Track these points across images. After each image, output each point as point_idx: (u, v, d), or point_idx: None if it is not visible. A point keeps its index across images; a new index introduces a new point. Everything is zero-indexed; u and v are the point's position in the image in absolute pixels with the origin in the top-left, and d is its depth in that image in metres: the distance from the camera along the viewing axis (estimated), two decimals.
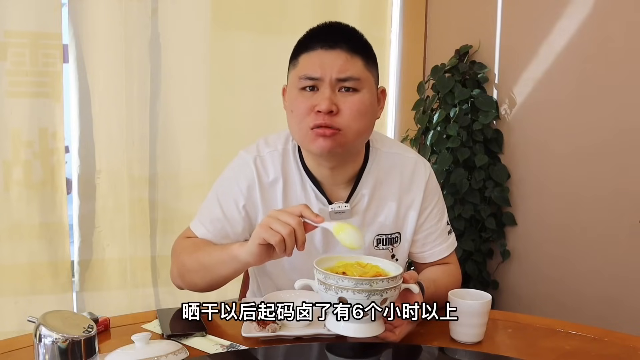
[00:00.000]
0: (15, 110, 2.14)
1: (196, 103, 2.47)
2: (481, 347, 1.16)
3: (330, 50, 1.22)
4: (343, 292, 1.04)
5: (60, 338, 0.82)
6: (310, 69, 1.22)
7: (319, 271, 1.07)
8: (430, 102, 2.74)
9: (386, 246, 1.37)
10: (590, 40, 2.34)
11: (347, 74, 1.21)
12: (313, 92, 1.22)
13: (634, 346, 1.18)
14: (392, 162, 1.37)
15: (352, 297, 1.03)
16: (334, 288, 1.04)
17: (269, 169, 1.33)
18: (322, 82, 1.21)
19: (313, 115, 1.21)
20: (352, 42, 1.24)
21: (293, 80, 1.27)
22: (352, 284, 1.03)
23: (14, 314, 2.18)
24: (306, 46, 1.25)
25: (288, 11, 2.61)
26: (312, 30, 1.29)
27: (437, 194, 1.42)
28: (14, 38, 2.12)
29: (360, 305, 1.04)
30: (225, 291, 2.54)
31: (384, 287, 1.04)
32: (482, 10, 2.70)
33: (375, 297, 1.04)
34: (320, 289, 1.07)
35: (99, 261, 2.34)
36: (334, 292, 1.05)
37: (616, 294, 2.32)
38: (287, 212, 1.11)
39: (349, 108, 1.22)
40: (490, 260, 2.71)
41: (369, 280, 1.04)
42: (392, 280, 1.06)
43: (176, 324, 1.19)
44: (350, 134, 1.23)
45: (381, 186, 1.35)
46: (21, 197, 2.17)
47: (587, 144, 2.37)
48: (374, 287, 1.03)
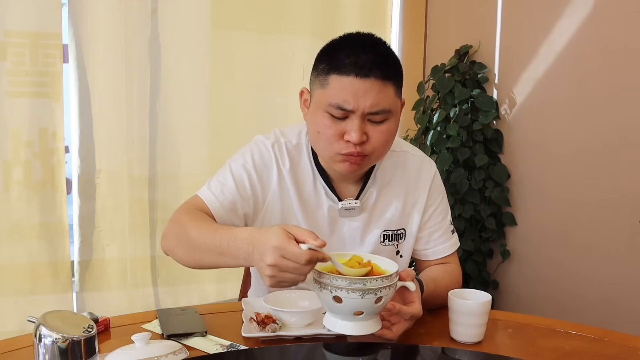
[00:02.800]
0: (15, 110, 2.14)
1: (196, 103, 2.47)
2: (481, 347, 1.16)
3: (364, 79, 1.18)
4: (337, 291, 1.03)
5: (60, 338, 0.82)
6: (342, 100, 1.19)
7: (313, 270, 1.06)
8: (430, 102, 2.74)
9: (392, 242, 1.39)
10: (590, 40, 2.34)
11: (379, 107, 1.20)
12: (342, 120, 1.21)
13: (634, 346, 1.18)
14: (399, 161, 1.40)
15: (346, 296, 1.03)
16: (329, 287, 1.03)
17: (285, 158, 1.33)
18: (353, 113, 1.20)
19: (343, 143, 1.22)
20: (386, 67, 1.21)
21: (320, 101, 1.23)
22: (345, 283, 1.02)
23: (14, 314, 2.18)
24: (338, 67, 1.20)
25: (288, 11, 2.61)
26: (344, 43, 1.24)
27: (442, 193, 1.45)
28: (14, 38, 2.12)
29: (355, 303, 1.03)
30: (225, 291, 2.57)
31: (379, 285, 1.03)
32: (482, 10, 2.70)
33: (369, 296, 1.03)
34: (316, 288, 1.07)
35: (98, 261, 2.34)
36: (328, 291, 1.04)
37: (616, 294, 2.32)
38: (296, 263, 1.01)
39: (378, 137, 1.23)
40: (490, 260, 2.71)
41: (363, 280, 1.03)
42: (386, 279, 1.05)
43: (176, 324, 1.19)
44: (376, 157, 1.28)
45: (389, 184, 1.38)
46: (21, 197, 2.17)
47: (587, 144, 2.37)
48: (367, 286, 1.02)
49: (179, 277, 2.50)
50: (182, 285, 2.51)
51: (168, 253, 1.28)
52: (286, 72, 2.61)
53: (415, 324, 1.17)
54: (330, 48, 1.25)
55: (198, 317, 1.24)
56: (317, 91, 1.25)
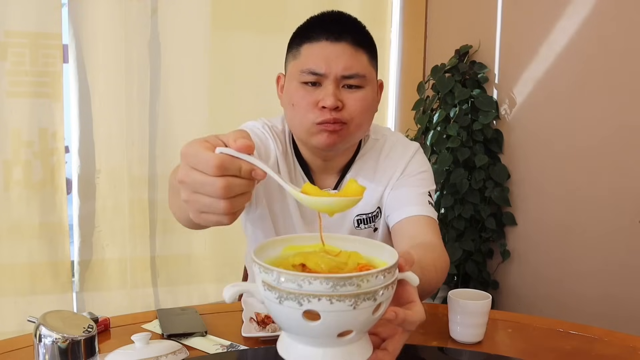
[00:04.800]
0: (15, 110, 2.14)
1: (196, 103, 2.48)
2: (481, 347, 1.16)
3: (336, 43, 1.17)
4: (312, 301, 0.63)
5: (60, 338, 0.82)
6: (314, 64, 1.17)
7: (266, 269, 0.65)
8: (430, 102, 2.74)
9: (368, 225, 1.34)
10: (590, 40, 2.34)
11: (353, 71, 1.18)
12: (316, 87, 1.19)
13: (634, 346, 1.18)
14: (377, 147, 1.36)
15: (328, 308, 0.63)
16: (296, 296, 0.63)
17: (277, 140, 1.31)
18: (326, 78, 1.17)
19: (317, 111, 1.18)
20: (357, 34, 1.20)
21: (293, 71, 1.21)
22: (328, 287, 0.62)
23: (14, 314, 2.19)
24: (309, 35, 1.19)
25: (288, 11, 2.61)
26: (315, 17, 1.23)
27: (423, 168, 1.34)
28: (14, 38, 2.12)
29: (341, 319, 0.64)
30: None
31: (379, 284, 0.65)
32: (482, 10, 2.70)
33: (366, 304, 0.64)
34: (271, 299, 0.65)
35: (98, 261, 2.34)
36: (295, 304, 0.63)
37: (616, 294, 2.32)
38: (204, 173, 0.66)
39: (354, 104, 1.19)
40: (490, 260, 2.71)
41: (357, 278, 0.63)
42: (389, 273, 0.66)
43: (176, 324, 1.19)
44: (354, 127, 1.22)
45: (362, 169, 1.33)
46: (21, 197, 2.18)
47: (587, 144, 2.37)
48: (363, 289, 0.64)
49: (179, 277, 2.50)
50: (182, 285, 2.52)
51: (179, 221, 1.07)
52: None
53: None
54: (302, 25, 1.24)
55: (198, 317, 1.24)
56: (290, 64, 1.24)
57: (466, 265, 2.61)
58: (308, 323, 0.64)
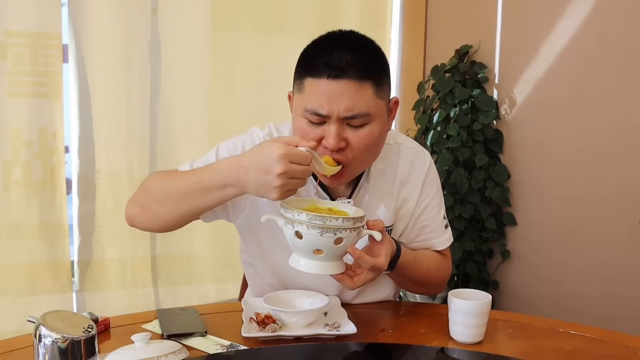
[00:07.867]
0: (15, 110, 2.14)
1: (196, 103, 2.47)
2: (481, 347, 1.16)
3: (338, 81, 1.12)
4: (298, 226, 1.05)
5: (60, 338, 0.82)
6: (316, 104, 1.14)
7: (280, 205, 1.10)
8: (430, 102, 2.74)
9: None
10: (590, 40, 2.34)
11: (355, 111, 1.13)
12: (320, 125, 1.16)
13: (634, 346, 1.18)
14: (392, 153, 1.34)
15: (306, 231, 1.05)
16: (291, 222, 1.06)
17: None
18: (329, 117, 1.14)
19: (321, 148, 1.16)
20: (362, 65, 1.14)
21: (298, 107, 1.19)
22: (306, 218, 1.04)
23: (14, 314, 2.18)
24: (311, 69, 1.15)
25: (288, 11, 2.61)
26: (318, 46, 1.19)
27: (436, 185, 1.38)
28: (14, 38, 2.12)
29: (314, 240, 1.05)
30: (225, 291, 2.57)
31: (338, 225, 1.05)
32: (482, 10, 2.70)
33: (328, 235, 1.04)
34: (282, 223, 1.10)
35: (98, 261, 2.34)
36: (291, 226, 1.07)
37: (616, 294, 2.32)
38: (303, 165, 1.08)
39: (358, 143, 1.16)
40: (490, 261, 2.71)
41: (323, 217, 1.04)
42: (347, 221, 1.05)
43: (176, 324, 1.19)
44: (359, 165, 1.22)
45: (381, 180, 1.33)
46: (21, 197, 2.17)
47: (588, 144, 2.37)
48: (327, 224, 1.04)
49: (179, 277, 2.50)
50: (182, 285, 2.52)
51: (132, 220, 1.27)
52: (286, 72, 2.60)
53: (415, 323, 1.16)
54: (307, 49, 1.20)
55: (198, 317, 1.24)
56: (295, 96, 1.21)
57: (466, 265, 2.61)
58: (297, 240, 1.08)
